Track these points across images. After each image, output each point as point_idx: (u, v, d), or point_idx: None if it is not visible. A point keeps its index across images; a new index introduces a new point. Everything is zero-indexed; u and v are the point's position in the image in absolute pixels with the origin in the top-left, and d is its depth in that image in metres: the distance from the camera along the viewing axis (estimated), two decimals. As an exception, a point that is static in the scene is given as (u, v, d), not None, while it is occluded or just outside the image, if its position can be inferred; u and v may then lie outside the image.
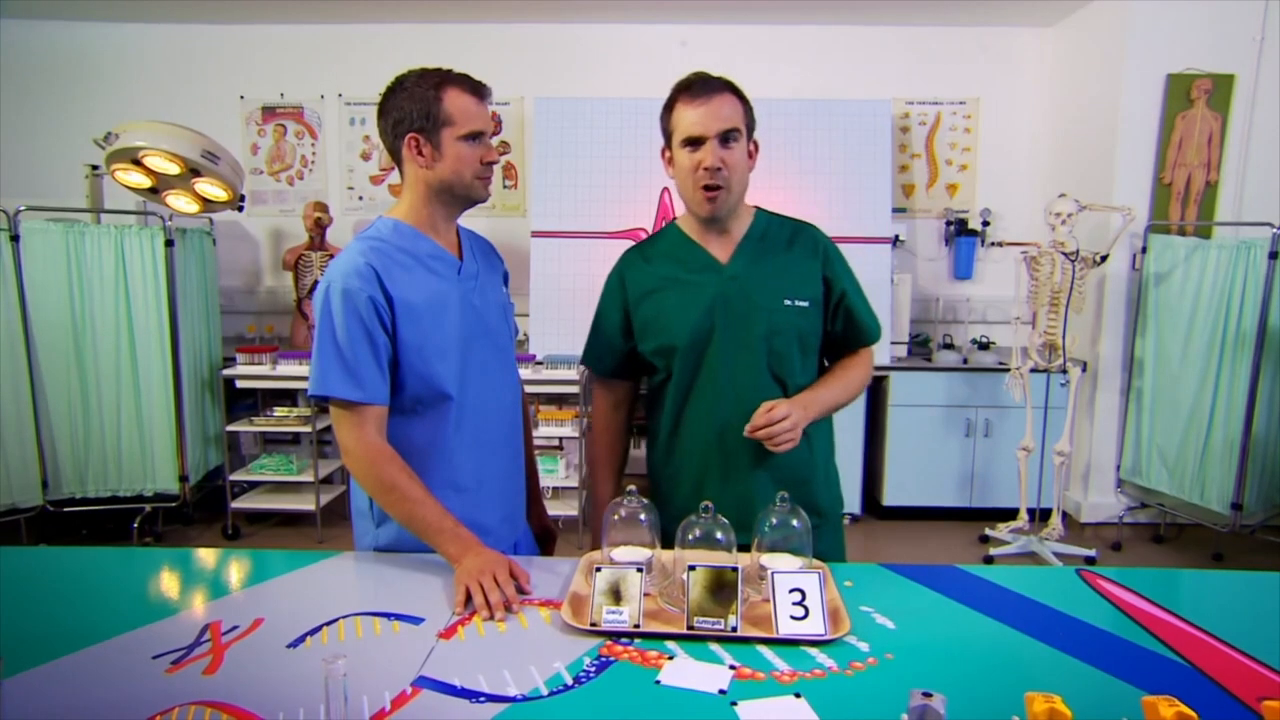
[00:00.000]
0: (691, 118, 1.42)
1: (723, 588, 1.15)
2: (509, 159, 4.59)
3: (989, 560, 3.55)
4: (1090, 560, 3.53)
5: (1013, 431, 3.94)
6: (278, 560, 1.43)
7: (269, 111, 4.59)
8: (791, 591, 1.16)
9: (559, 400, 4.14)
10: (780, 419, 1.40)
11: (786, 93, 4.34)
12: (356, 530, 1.51)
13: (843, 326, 1.58)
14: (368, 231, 1.42)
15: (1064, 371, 3.57)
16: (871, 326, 1.61)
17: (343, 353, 1.32)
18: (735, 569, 1.15)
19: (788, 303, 1.51)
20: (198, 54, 4.51)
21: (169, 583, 1.35)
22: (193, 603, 1.25)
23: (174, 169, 3.36)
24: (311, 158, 4.63)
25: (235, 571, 1.39)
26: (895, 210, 4.52)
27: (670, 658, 1.07)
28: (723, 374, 1.50)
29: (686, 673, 1.03)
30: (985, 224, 4.51)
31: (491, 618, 1.17)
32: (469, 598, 1.21)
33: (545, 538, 1.75)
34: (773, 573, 1.17)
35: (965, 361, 4.10)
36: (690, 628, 1.12)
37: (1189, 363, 3.61)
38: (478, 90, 1.40)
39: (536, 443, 3.98)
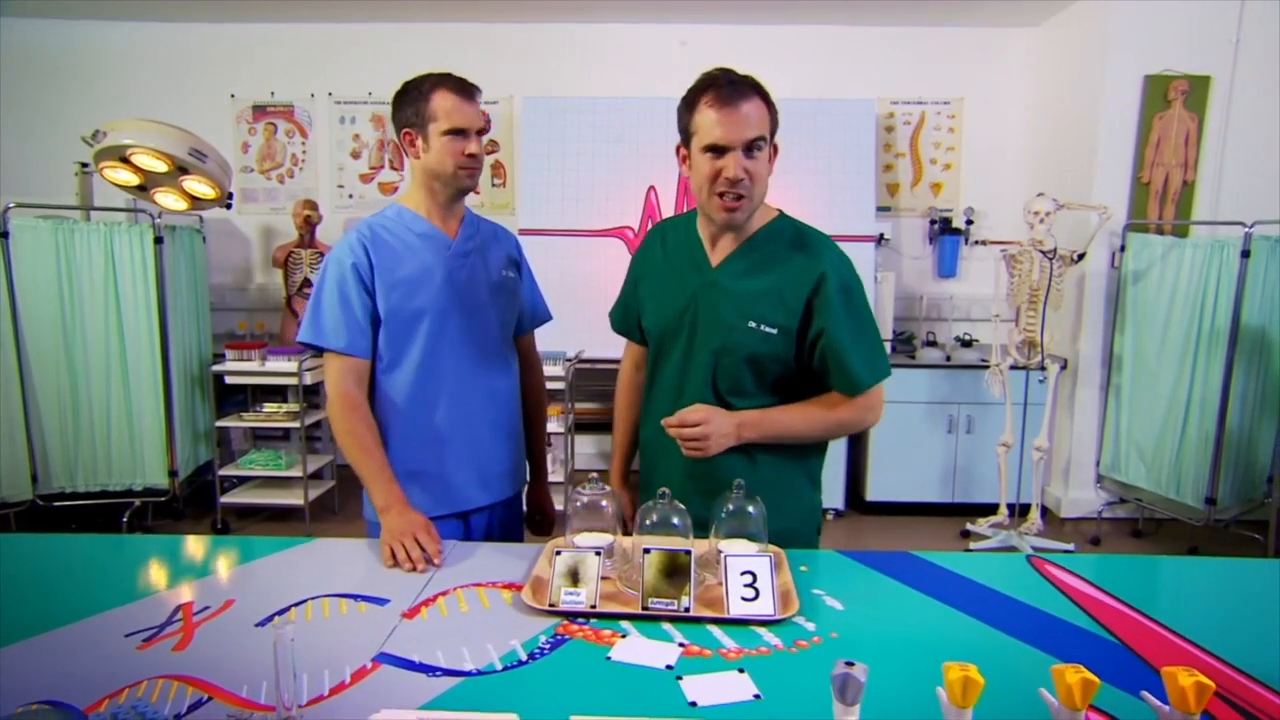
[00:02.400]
0: (717, 123, 1.33)
1: (676, 570, 1.19)
2: (498, 158, 4.64)
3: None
4: (1067, 554, 3.58)
5: (994, 427, 3.98)
6: (252, 546, 1.47)
7: (260, 110, 4.63)
8: (743, 574, 1.21)
9: (551, 397, 4.17)
10: (693, 424, 1.36)
11: (773, 92, 4.37)
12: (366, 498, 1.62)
13: (820, 365, 1.43)
14: (375, 214, 1.63)
15: (1042, 368, 3.62)
16: (856, 375, 1.41)
17: (333, 311, 1.53)
18: (688, 552, 1.20)
19: (752, 325, 1.42)
20: (189, 53, 4.54)
21: (145, 567, 1.39)
22: (167, 585, 1.29)
23: (162, 167, 3.39)
24: (302, 156, 4.67)
25: (210, 556, 1.44)
26: (880, 209, 4.58)
27: (623, 636, 1.11)
28: (673, 374, 1.52)
29: (637, 650, 1.08)
30: (969, 222, 4.56)
31: (414, 569, 1.33)
32: (394, 556, 1.37)
33: (544, 520, 1.88)
34: (725, 555, 1.22)
35: (948, 359, 4.15)
36: (645, 608, 1.17)
37: (1165, 360, 3.66)
38: (465, 91, 1.54)
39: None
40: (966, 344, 4.27)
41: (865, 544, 3.90)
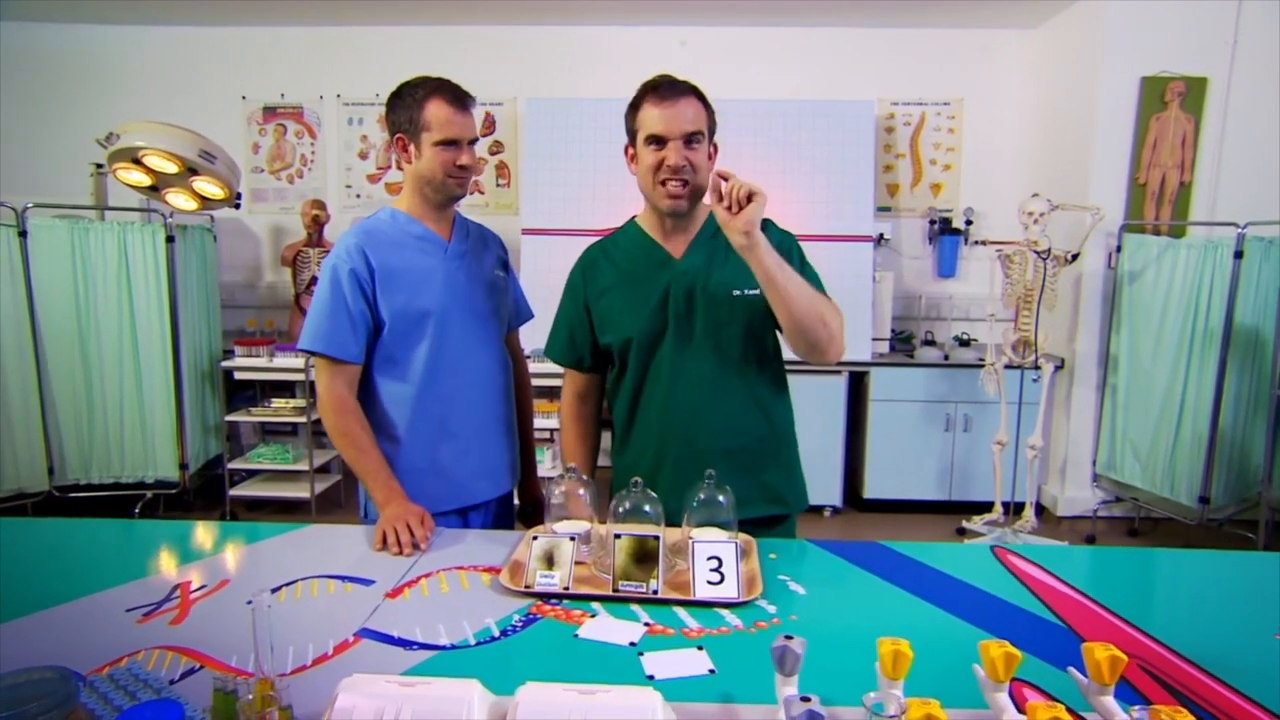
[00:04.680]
0: (657, 118, 1.47)
1: (646, 555, 1.26)
2: (502, 158, 4.71)
3: (962, 551, 3.64)
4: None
5: (991, 426, 4.01)
6: (249, 531, 1.55)
7: (270, 111, 4.73)
8: (710, 559, 1.27)
9: (549, 393, 4.25)
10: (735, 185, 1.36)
11: (773, 93, 4.43)
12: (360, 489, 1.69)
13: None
14: (369, 217, 1.67)
15: (1036, 367, 3.66)
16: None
17: (323, 315, 1.56)
18: (657, 537, 1.26)
19: (736, 293, 1.54)
20: (201, 56, 4.65)
21: (149, 549, 1.47)
22: (168, 566, 1.37)
23: (172, 168, 3.49)
24: (311, 156, 4.76)
25: (210, 540, 1.52)
26: (880, 209, 4.61)
27: (593, 616, 1.18)
28: (673, 368, 1.57)
29: (604, 628, 1.14)
30: (968, 223, 4.59)
31: (401, 553, 1.40)
32: (385, 540, 1.44)
33: (536, 508, 1.90)
34: (693, 541, 1.28)
35: (946, 358, 4.19)
36: (615, 590, 1.23)
37: (1160, 359, 3.69)
38: (459, 101, 1.56)
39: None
40: (964, 343, 4.30)
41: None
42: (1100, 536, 3.95)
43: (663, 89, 1.49)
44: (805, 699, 0.76)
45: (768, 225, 1.59)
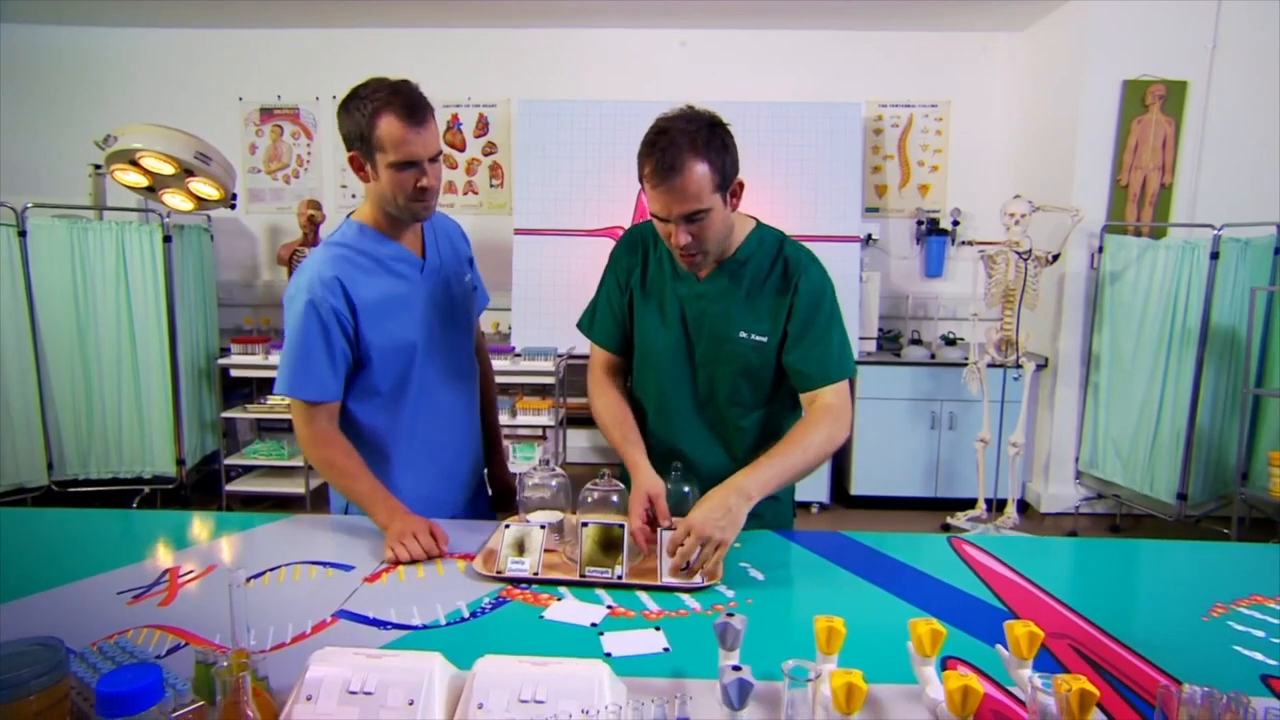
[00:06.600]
0: (654, 197, 1.36)
1: (611, 543, 1.32)
2: (495, 159, 4.78)
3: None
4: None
5: (975, 424, 4.07)
6: (237, 521, 1.61)
7: (266, 113, 4.79)
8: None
9: (539, 391, 4.33)
10: (692, 543, 1.26)
11: (762, 95, 4.49)
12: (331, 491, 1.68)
13: (787, 365, 1.50)
14: (334, 236, 1.54)
15: (1018, 366, 3.72)
16: (816, 370, 1.47)
17: (304, 359, 1.47)
18: (622, 526, 1.33)
19: (743, 335, 1.49)
20: (199, 57, 4.71)
21: (142, 538, 1.54)
22: (158, 553, 1.44)
23: (168, 169, 3.55)
24: (307, 157, 4.83)
25: (200, 529, 1.58)
26: (869, 210, 4.68)
27: (559, 600, 1.24)
28: (658, 384, 1.59)
29: (568, 610, 1.20)
30: (955, 223, 4.66)
31: (413, 562, 1.36)
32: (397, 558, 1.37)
33: (505, 494, 1.88)
34: (660, 530, 1.35)
35: (932, 357, 4.25)
36: (582, 575, 1.30)
37: (1140, 359, 3.75)
38: (414, 115, 1.38)
39: (519, 432, 4.16)
40: (950, 342, 4.37)
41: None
42: (1082, 533, 4.01)
43: (659, 164, 1.32)
44: (737, 668, 0.82)
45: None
